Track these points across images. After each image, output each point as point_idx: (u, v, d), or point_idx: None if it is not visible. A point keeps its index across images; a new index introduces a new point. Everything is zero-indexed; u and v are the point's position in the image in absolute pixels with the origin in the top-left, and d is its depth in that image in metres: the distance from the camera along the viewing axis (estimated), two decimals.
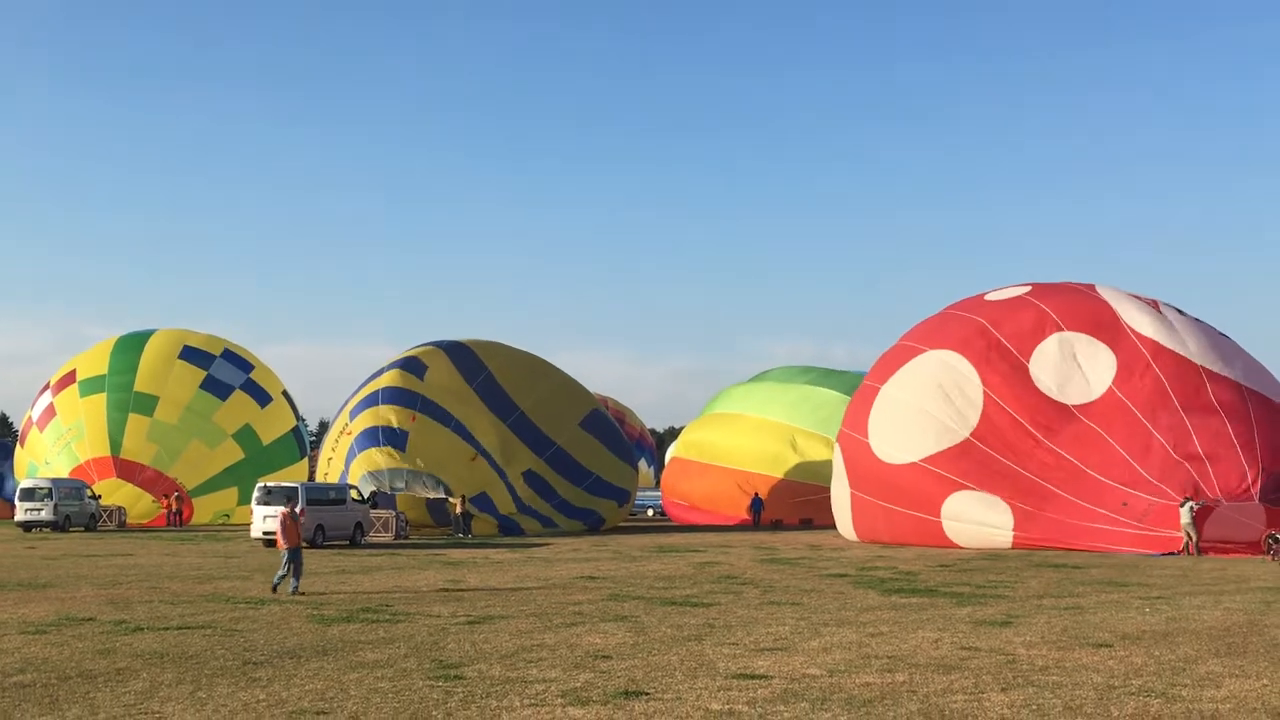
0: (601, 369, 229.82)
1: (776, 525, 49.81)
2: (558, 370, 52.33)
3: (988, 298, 39.69)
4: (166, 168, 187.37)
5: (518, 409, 47.64)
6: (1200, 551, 30.43)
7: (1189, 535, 30.67)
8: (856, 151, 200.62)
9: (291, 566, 20.69)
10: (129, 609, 18.03)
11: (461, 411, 45.54)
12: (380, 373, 46.72)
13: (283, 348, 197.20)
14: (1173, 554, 30.45)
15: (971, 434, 34.86)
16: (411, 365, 46.61)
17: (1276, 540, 29.01)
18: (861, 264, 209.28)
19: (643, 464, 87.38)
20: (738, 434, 54.40)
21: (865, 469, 37.34)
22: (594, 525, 46.58)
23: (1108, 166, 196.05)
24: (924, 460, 35.19)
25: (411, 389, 45.19)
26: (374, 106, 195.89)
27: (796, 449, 52.15)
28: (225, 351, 56.66)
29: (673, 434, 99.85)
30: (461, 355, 48.21)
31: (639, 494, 57.52)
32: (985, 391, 35.47)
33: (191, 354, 55.37)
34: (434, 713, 10.05)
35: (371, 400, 44.63)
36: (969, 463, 34.43)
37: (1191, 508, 30.67)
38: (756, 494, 51.67)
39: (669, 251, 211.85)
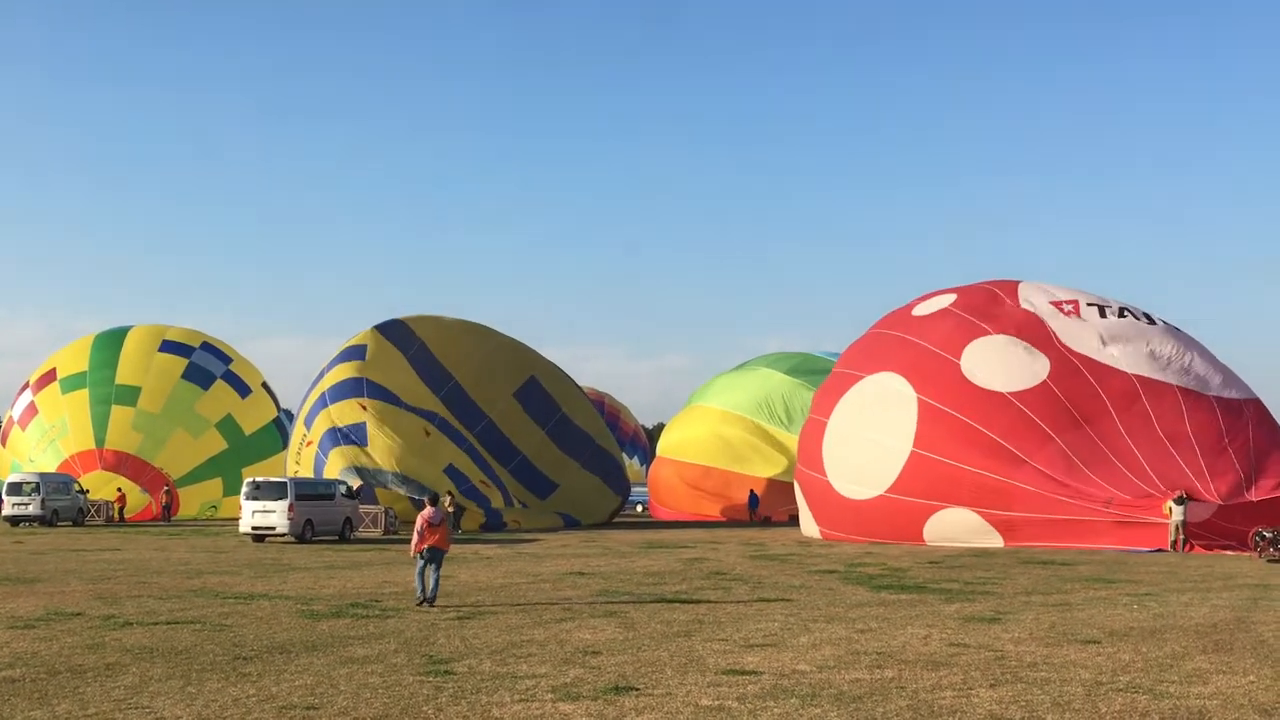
0: (594, 365, 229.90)
1: (766, 521, 49.79)
2: (497, 334, 50.63)
3: (914, 312, 39.41)
4: (154, 162, 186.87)
5: (451, 379, 46.34)
6: (1180, 548, 30.59)
7: (1178, 532, 30.72)
8: (853, 151, 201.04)
9: (429, 571, 18.04)
10: (118, 604, 17.99)
11: (404, 387, 44.70)
12: (323, 374, 45.86)
13: (268, 342, 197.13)
14: (1161, 551, 30.57)
15: (914, 445, 34.40)
16: (350, 354, 45.81)
17: (1263, 537, 29.10)
18: (856, 261, 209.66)
19: (635, 462, 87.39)
20: (703, 426, 54.04)
21: (833, 507, 36.65)
22: (570, 524, 45.81)
23: (1110, 162, 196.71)
24: (890, 491, 34.68)
25: (355, 375, 44.41)
26: (368, 96, 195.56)
27: (775, 444, 51.90)
28: (204, 344, 56.92)
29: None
30: (393, 330, 47.25)
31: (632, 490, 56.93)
32: (919, 398, 35.05)
33: (171, 346, 55.58)
34: (424, 708, 10.04)
35: (321, 403, 43.85)
36: (929, 477, 33.93)
37: (1185, 507, 30.69)
38: (752, 490, 51.56)
39: (663, 247, 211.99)
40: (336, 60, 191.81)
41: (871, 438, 35.70)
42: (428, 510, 18.41)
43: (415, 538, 18.18)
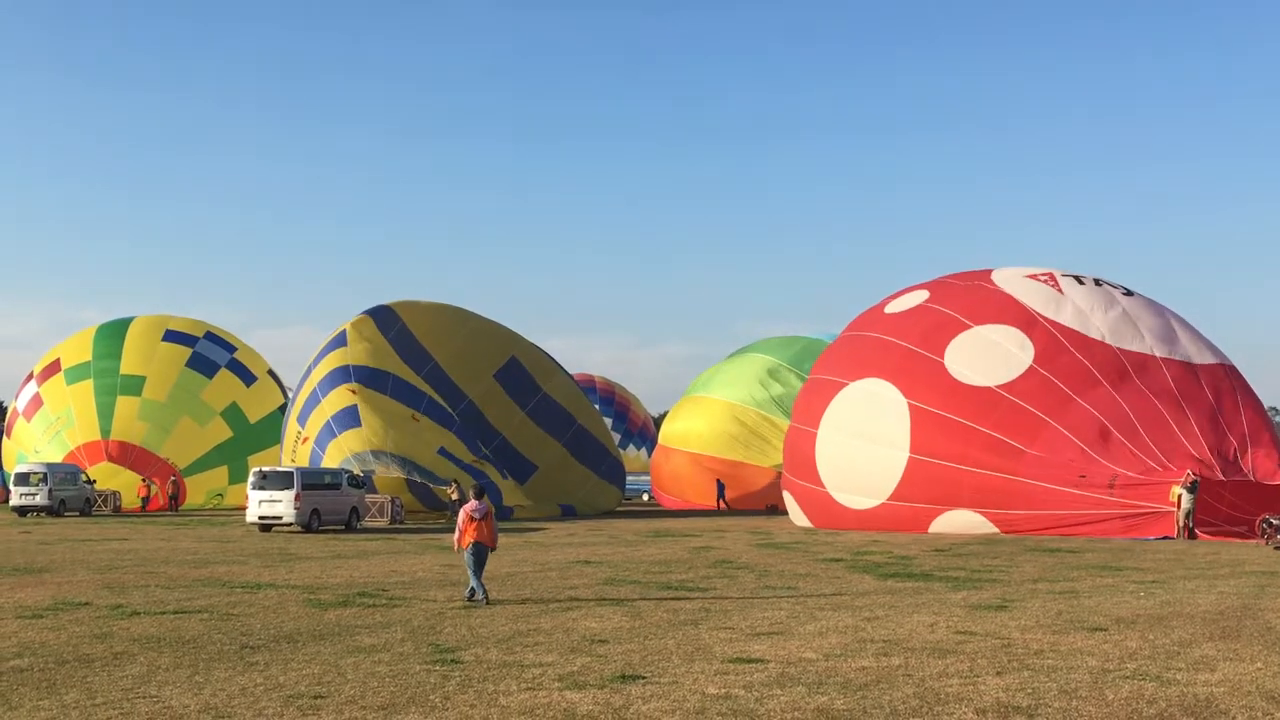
0: (596, 355, 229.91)
1: (772, 509, 49.73)
2: (477, 317, 50.65)
3: (888, 310, 39.05)
4: (160, 154, 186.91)
5: (431, 360, 46.30)
6: (1194, 534, 30.54)
7: (1187, 519, 30.60)
8: (852, 142, 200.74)
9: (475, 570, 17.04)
10: (125, 593, 18.03)
11: (390, 368, 44.68)
12: (311, 368, 45.85)
13: (273, 334, 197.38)
14: (1167, 538, 30.52)
15: (911, 451, 34.18)
16: (336, 343, 45.88)
17: (1271, 524, 29.05)
18: (856, 251, 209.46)
19: (643, 454, 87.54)
20: (709, 418, 53.99)
21: (834, 517, 36.35)
22: (568, 513, 45.70)
23: (1106, 158, 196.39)
24: (891, 499, 34.54)
25: (342, 363, 44.41)
26: (366, 88, 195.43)
27: (768, 431, 51.80)
28: (207, 334, 56.97)
29: None
30: (378, 314, 47.43)
31: (633, 478, 56.98)
32: (909, 403, 34.75)
33: (174, 336, 55.70)
34: (431, 696, 10.05)
35: (314, 400, 43.83)
36: (929, 482, 33.78)
37: (1195, 490, 30.60)
38: (720, 480, 51.76)
39: (665, 235, 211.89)
40: (340, 54, 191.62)
41: (866, 447, 35.33)
42: (471, 503, 17.27)
43: (458, 532, 17.24)
